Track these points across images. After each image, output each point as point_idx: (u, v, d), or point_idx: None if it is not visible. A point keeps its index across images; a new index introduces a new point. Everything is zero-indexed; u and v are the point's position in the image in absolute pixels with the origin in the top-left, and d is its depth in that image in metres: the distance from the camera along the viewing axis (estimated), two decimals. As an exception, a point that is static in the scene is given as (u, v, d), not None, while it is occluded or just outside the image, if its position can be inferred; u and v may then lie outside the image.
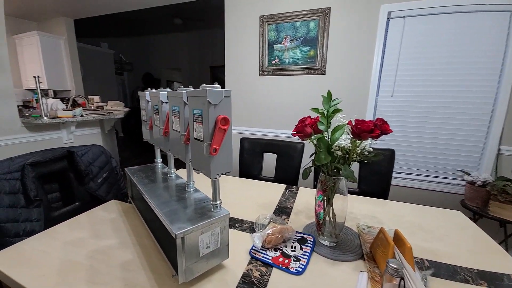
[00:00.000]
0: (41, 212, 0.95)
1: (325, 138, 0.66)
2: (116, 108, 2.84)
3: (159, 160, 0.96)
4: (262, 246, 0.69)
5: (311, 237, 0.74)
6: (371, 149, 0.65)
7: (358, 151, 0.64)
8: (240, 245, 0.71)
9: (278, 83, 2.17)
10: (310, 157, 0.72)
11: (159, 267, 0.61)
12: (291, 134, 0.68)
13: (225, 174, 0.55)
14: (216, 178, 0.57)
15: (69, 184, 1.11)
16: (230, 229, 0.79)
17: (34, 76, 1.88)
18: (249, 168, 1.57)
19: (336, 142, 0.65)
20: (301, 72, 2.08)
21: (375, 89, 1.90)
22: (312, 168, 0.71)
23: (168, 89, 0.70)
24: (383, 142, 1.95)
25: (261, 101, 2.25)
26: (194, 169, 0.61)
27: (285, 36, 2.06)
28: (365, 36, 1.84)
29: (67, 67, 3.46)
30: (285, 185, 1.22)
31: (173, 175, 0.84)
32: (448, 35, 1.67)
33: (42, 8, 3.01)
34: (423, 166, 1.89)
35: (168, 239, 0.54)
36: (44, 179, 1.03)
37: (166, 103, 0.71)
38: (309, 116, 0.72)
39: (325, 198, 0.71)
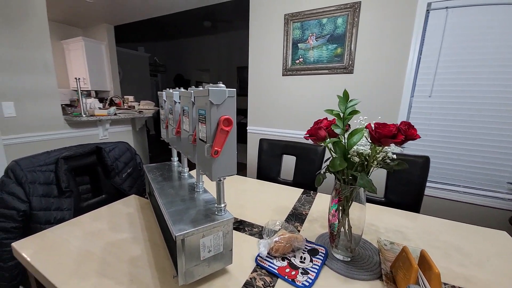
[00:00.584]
0: (71, 202, 1.04)
1: (342, 142, 0.60)
2: (147, 108, 3.02)
3: (175, 159, 0.98)
4: (268, 254, 0.65)
5: (323, 249, 0.69)
6: (394, 156, 0.57)
7: (379, 158, 0.57)
8: (247, 250, 0.68)
9: (301, 83, 2.10)
10: (324, 162, 0.67)
11: (164, 266, 0.61)
12: (304, 137, 0.64)
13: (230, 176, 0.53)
14: (221, 180, 0.55)
15: (97, 178, 1.20)
16: (239, 232, 0.78)
17: (76, 78, 2.09)
18: (267, 170, 1.54)
19: (354, 147, 0.59)
20: (326, 71, 1.98)
21: (410, 89, 1.73)
22: (326, 175, 0.65)
23: (181, 89, 0.71)
24: (418, 148, 1.77)
25: (283, 102, 2.20)
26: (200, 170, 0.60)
27: (310, 34, 1.99)
28: (400, 31, 1.68)
29: (107, 69, 3.79)
30: (302, 189, 1.17)
31: (186, 174, 0.85)
32: (497, 28, 1.45)
33: (87, 16, 3.35)
34: (465, 176, 1.66)
35: (172, 239, 0.54)
36: (76, 172, 1.12)
37: (179, 103, 0.72)
38: (326, 118, 0.67)
39: (341, 207, 0.65)
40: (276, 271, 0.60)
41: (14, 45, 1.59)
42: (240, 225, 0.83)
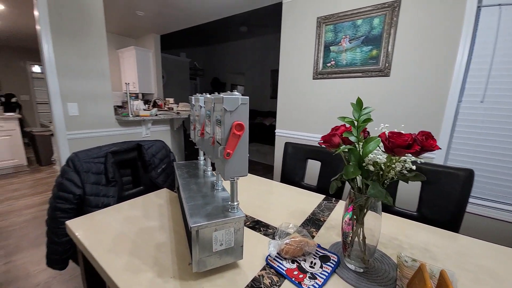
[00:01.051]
0: (116, 190, 1.20)
1: (357, 150, 0.59)
2: (184, 109, 3.27)
3: (201, 158, 1.06)
4: (279, 255, 0.67)
5: (335, 256, 0.68)
6: (413, 167, 0.54)
7: (397, 168, 0.55)
8: (259, 249, 0.71)
9: (332, 87, 2.05)
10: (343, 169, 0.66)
11: (184, 253, 0.68)
12: (318, 143, 0.64)
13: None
14: (234, 180, 0.60)
15: (137, 171, 1.36)
16: (254, 231, 0.82)
17: (126, 83, 2.38)
18: (291, 173, 1.55)
19: (370, 156, 0.58)
20: (359, 74, 1.90)
21: (458, 93, 1.56)
22: (342, 182, 0.65)
23: (207, 95, 0.77)
24: (464, 160, 1.57)
25: (312, 105, 2.17)
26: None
27: (343, 37, 1.93)
28: (446, 30, 1.53)
29: (152, 74, 4.22)
30: (324, 195, 1.15)
31: (209, 172, 0.92)
32: None
33: (138, 28, 3.78)
34: (525, 195, 1.43)
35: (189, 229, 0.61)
36: (120, 164, 1.29)
37: (204, 107, 0.78)
38: (344, 125, 0.66)
39: (355, 216, 0.64)
40: (284, 272, 0.62)
41: (79, 56, 1.90)
42: (256, 225, 0.86)
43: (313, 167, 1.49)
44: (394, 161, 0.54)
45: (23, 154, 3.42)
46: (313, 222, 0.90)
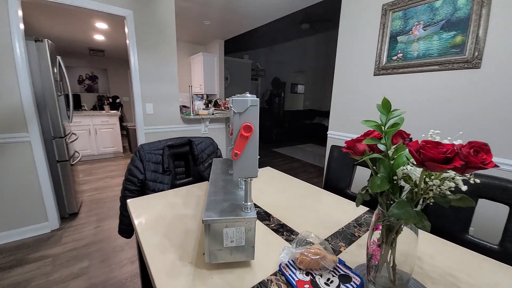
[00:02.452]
0: (170, 179, 1.40)
1: (386, 160, 0.50)
2: (240, 108, 3.45)
3: (237, 156, 1.11)
4: (293, 263, 0.64)
5: (358, 279, 0.60)
6: (464, 187, 0.42)
7: (435, 186, 0.44)
8: (276, 253, 0.70)
9: (398, 83, 1.76)
10: (368, 180, 0.58)
11: (204, 244, 0.74)
12: (342, 149, 0.58)
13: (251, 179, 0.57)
14: (247, 181, 0.60)
15: (188, 164, 1.54)
16: (276, 234, 0.80)
17: (189, 85, 2.71)
18: (335, 179, 1.43)
19: (405, 169, 0.48)
20: (436, 67, 1.57)
21: None
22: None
23: (236, 96, 0.81)
24: None
25: (371, 106, 1.93)
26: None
27: (415, 23, 1.63)
28: None
29: (216, 77, 4.63)
30: (368, 208, 1.01)
31: (239, 171, 0.95)
32: None
33: (205, 35, 4.21)
34: None
35: (206, 222, 0.65)
36: (174, 157, 1.49)
37: (233, 108, 0.82)
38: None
39: (383, 237, 0.54)
40: (294, 282, 0.59)
41: (155, 64, 2.28)
42: (280, 228, 0.84)
43: (363, 175, 1.33)
44: (433, 177, 0.43)
45: (120, 143, 4.36)
46: (345, 236, 0.81)
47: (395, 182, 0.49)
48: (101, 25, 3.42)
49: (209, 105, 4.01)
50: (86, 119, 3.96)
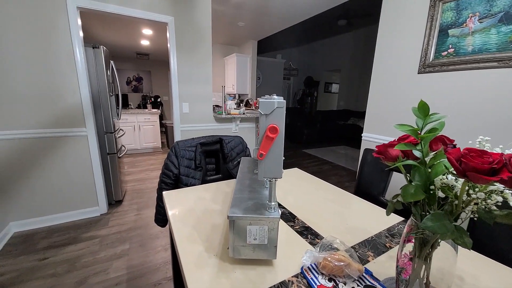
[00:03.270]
0: (201, 175, 1.48)
1: (424, 167, 0.47)
2: (271, 108, 3.46)
3: (265, 155, 1.12)
4: (316, 267, 0.63)
5: (386, 291, 0.57)
6: (516, 203, 0.37)
7: (479, 199, 0.39)
8: (298, 255, 0.70)
9: (447, 82, 1.58)
10: (401, 188, 0.54)
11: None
12: (372, 153, 0.55)
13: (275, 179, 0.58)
14: (272, 181, 0.61)
15: (218, 161, 1.61)
16: (300, 237, 0.80)
17: (222, 86, 2.80)
18: (368, 185, 1.35)
19: (445, 179, 0.44)
20: (494, 63, 1.37)
21: None
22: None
23: (265, 97, 0.82)
24: None
25: (413, 106, 1.76)
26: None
27: (470, 15, 1.45)
28: None
29: (248, 77, 4.71)
30: (402, 218, 0.94)
31: (266, 170, 0.96)
32: None
33: (239, 37, 4.32)
34: None
35: (231, 218, 0.68)
36: (206, 154, 1.57)
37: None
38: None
39: (416, 251, 0.51)
40: (315, 287, 0.58)
41: (191, 65, 2.42)
42: (305, 231, 0.83)
43: (399, 181, 1.23)
44: (477, 189, 0.39)
45: (159, 139, 4.73)
46: (374, 246, 0.76)
47: (431, 192, 0.45)
48: (147, 31, 3.75)
49: (241, 104, 4.10)
50: (132, 117, 4.39)
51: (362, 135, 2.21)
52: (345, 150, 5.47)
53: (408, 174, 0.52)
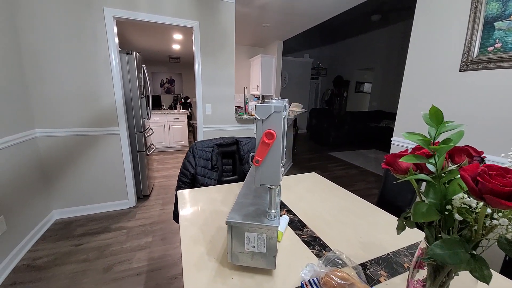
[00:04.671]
0: (217, 175, 1.50)
1: (439, 184, 0.40)
2: (295, 110, 3.39)
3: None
4: (318, 284, 0.59)
5: (395, 319, 0.50)
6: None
7: (502, 227, 0.32)
8: (301, 267, 0.66)
9: (494, 81, 1.38)
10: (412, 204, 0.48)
11: (232, 242, 0.76)
12: (381, 164, 0.50)
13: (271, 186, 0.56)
14: (271, 188, 0.59)
15: (234, 162, 1.62)
16: (307, 247, 0.76)
17: (244, 87, 2.82)
18: (392, 196, 1.24)
19: (466, 198, 0.38)
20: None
21: None
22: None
23: (273, 100, 0.79)
24: None
25: (454, 109, 1.57)
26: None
27: (525, 3, 1.23)
28: None
29: (273, 77, 4.68)
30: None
31: (276, 175, 0.93)
32: None
33: (265, 38, 4.31)
34: None
35: (232, 223, 0.67)
36: (222, 155, 1.59)
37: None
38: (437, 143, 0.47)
39: (428, 279, 0.44)
40: (313, 304, 0.54)
41: (214, 68, 2.49)
42: (312, 241, 0.79)
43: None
44: (500, 214, 0.32)
45: (186, 138, 4.96)
46: (389, 265, 0.69)
47: (448, 213, 0.39)
48: (177, 36, 3.95)
49: (265, 105, 4.09)
50: (163, 117, 4.67)
51: (391, 139, 2.04)
52: (375, 154, 5.11)
53: (421, 190, 0.45)
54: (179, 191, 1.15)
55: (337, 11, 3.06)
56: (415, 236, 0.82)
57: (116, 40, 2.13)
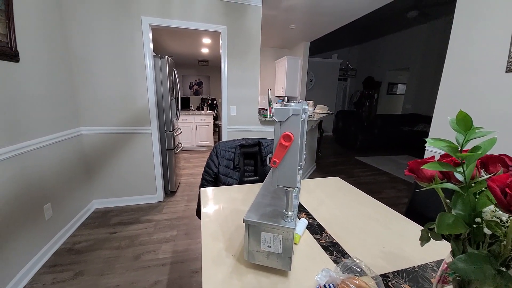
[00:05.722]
0: (238, 175, 1.54)
1: (468, 195, 0.38)
2: (320, 112, 3.31)
3: (298, 162, 1.09)
4: (333, 289, 0.58)
5: (415, 336, 0.47)
6: None
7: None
8: (316, 272, 0.65)
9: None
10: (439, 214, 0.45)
11: (249, 241, 0.78)
12: (404, 171, 0.47)
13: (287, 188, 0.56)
14: (288, 190, 0.60)
15: (256, 163, 1.64)
16: (325, 252, 0.75)
17: (268, 89, 2.84)
18: (423, 205, 1.15)
19: (495, 211, 0.35)
20: None
21: None
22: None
23: (292, 103, 0.80)
24: None
25: (498, 113, 1.41)
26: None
27: None
28: None
29: (298, 79, 4.63)
30: (462, 251, 0.76)
31: (295, 177, 0.93)
32: None
33: (291, 39, 4.28)
34: None
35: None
36: (245, 156, 1.62)
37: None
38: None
39: (455, 295, 0.41)
40: (328, 309, 0.53)
41: (240, 70, 2.55)
42: (331, 246, 0.77)
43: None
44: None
45: (212, 138, 5.13)
46: (414, 278, 0.65)
47: (476, 226, 0.36)
48: (206, 40, 4.12)
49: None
50: (190, 117, 4.90)
51: (425, 145, 1.89)
52: (408, 160, 4.75)
53: (448, 200, 0.43)
54: (202, 189, 1.20)
55: (369, 9, 2.93)
56: (446, 250, 0.75)
57: (151, 46, 2.30)
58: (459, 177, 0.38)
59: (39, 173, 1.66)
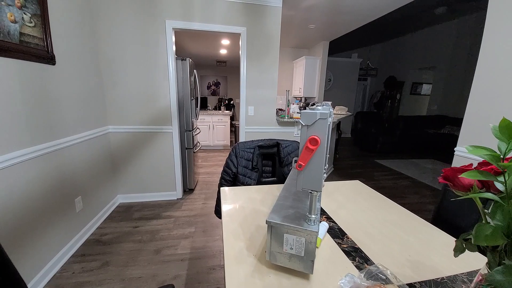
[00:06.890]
0: (256, 176, 1.55)
1: (508, 206, 0.36)
2: (339, 112, 3.24)
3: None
4: (357, 295, 0.57)
5: None
6: None
7: None
8: (339, 277, 0.65)
9: None
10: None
11: (270, 242, 0.79)
12: (438, 178, 0.46)
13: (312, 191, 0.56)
14: (312, 193, 0.60)
15: (274, 164, 1.64)
16: (347, 257, 0.74)
17: (286, 90, 2.82)
18: (451, 213, 1.10)
19: None
20: None
21: None
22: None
23: (319, 107, 0.79)
24: None
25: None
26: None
27: None
28: None
29: (316, 79, 4.55)
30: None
31: (316, 180, 0.93)
32: None
33: (310, 39, 4.22)
34: None
35: (271, 223, 0.70)
36: (263, 156, 1.63)
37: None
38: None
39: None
40: (352, 315, 0.53)
41: (259, 71, 2.56)
42: (353, 252, 0.76)
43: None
44: None
45: (228, 138, 5.21)
46: (443, 289, 0.62)
47: (518, 239, 0.34)
48: (225, 41, 4.19)
49: (306, 108, 4.02)
50: (208, 117, 5.00)
51: (455, 149, 1.79)
52: (433, 164, 4.51)
53: (486, 210, 0.41)
54: (222, 188, 1.23)
55: (392, 7, 2.82)
56: (476, 261, 0.72)
57: (174, 48, 2.39)
58: (500, 186, 0.36)
59: (72, 168, 1.78)
